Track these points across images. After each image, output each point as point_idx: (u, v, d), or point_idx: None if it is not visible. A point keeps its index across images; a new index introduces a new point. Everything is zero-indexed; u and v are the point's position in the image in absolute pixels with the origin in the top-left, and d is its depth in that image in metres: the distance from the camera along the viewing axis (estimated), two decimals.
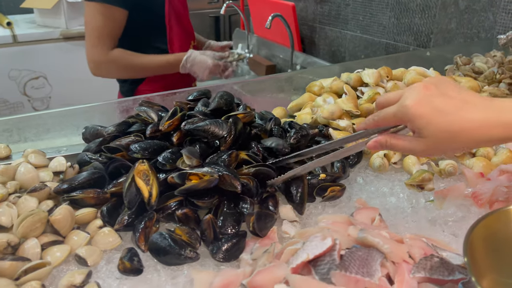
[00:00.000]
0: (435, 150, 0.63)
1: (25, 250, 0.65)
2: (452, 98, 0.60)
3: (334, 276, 0.54)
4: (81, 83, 3.31)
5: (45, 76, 3.34)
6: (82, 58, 3.28)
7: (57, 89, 3.38)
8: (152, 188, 0.74)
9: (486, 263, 0.54)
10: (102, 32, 1.50)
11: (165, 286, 0.64)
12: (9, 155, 0.92)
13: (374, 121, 0.70)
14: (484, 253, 0.55)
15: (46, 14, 3.26)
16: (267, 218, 0.74)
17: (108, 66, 1.55)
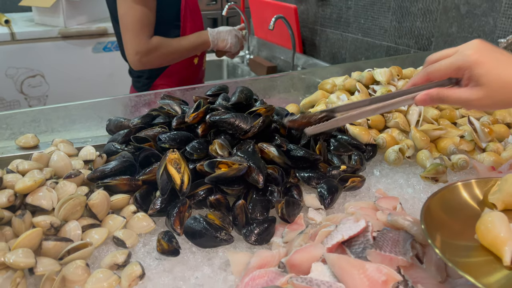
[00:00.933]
0: (491, 99, 0.63)
1: (66, 232, 0.68)
2: (507, 56, 0.62)
3: (370, 254, 0.58)
4: (79, 82, 3.33)
5: (42, 75, 3.33)
6: (80, 57, 3.30)
7: (54, 88, 3.37)
8: (183, 175, 0.77)
9: (440, 229, 0.60)
10: (143, 21, 1.52)
11: (202, 266, 0.67)
12: (37, 144, 0.94)
13: (427, 73, 0.68)
14: (437, 220, 0.61)
15: (45, 12, 3.26)
16: (295, 205, 0.78)
17: (152, 55, 1.56)
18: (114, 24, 1.73)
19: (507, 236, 0.56)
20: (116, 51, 3.45)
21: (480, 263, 0.56)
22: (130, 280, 0.62)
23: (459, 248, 0.58)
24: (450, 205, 0.65)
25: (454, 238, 0.60)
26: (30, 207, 0.70)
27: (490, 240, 0.57)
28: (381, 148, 1.02)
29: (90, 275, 0.62)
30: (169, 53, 1.60)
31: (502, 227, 0.56)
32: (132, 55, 1.54)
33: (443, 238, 0.58)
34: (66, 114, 1.02)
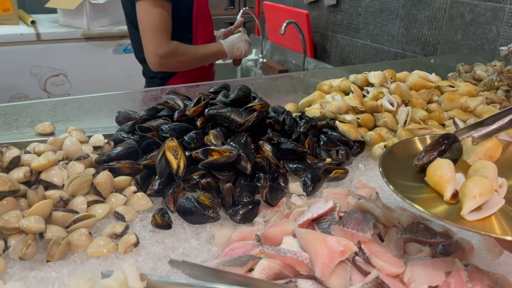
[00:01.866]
0: None
1: (74, 205, 0.78)
2: None
3: (334, 230, 0.65)
4: (99, 81, 3.46)
5: (65, 74, 3.46)
6: (101, 58, 3.43)
7: (76, 87, 3.50)
8: (180, 161, 0.86)
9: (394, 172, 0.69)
10: (163, 24, 1.60)
11: (190, 239, 0.75)
12: (53, 131, 1.04)
13: None
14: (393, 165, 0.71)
15: (69, 14, 3.39)
16: (278, 190, 0.86)
17: (172, 57, 1.64)
18: (130, 27, 1.84)
19: (450, 177, 0.65)
20: None
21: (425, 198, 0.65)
22: (126, 247, 0.71)
23: (409, 187, 0.67)
24: (406, 154, 0.74)
25: (406, 180, 0.68)
26: (43, 182, 0.80)
27: (436, 180, 0.66)
28: (368, 145, 1.09)
29: (92, 241, 0.71)
30: (188, 59, 1.69)
31: (448, 170, 0.65)
32: (152, 56, 1.62)
33: (396, 180, 0.66)
34: (80, 105, 1.13)
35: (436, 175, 0.66)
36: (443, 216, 0.61)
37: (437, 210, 0.62)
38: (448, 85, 1.32)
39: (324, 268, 0.59)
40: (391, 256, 0.62)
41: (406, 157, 0.73)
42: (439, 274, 0.58)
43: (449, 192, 0.63)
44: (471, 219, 0.60)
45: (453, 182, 0.64)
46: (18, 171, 0.78)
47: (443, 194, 0.64)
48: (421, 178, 0.70)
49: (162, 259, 0.70)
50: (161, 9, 1.59)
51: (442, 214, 0.62)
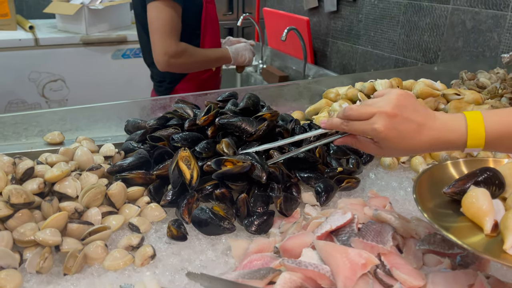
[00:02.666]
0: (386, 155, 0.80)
1: (88, 217, 0.77)
2: (411, 122, 0.72)
3: (354, 242, 0.65)
4: (98, 87, 3.44)
5: (63, 79, 3.44)
6: (100, 63, 3.42)
7: (74, 92, 3.48)
8: (193, 171, 0.85)
9: (428, 199, 0.68)
10: (172, 25, 1.61)
11: (207, 251, 0.75)
12: (63, 141, 1.04)
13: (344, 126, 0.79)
14: (427, 192, 0.70)
15: (68, 19, 3.38)
16: (292, 200, 0.85)
17: (180, 58, 1.64)
18: (139, 29, 1.83)
19: (488, 208, 0.63)
20: (134, 58, 3.58)
21: (461, 228, 0.64)
22: (143, 259, 0.70)
23: (444, 215, 0.66)
24: (439, 179, 0.73)
25: (440, 208, 0.67)
26: (57, 194, 0.79)
27: (473, 211, 0.64)
28: None
29: (108, 254, 0.71)
30: (195, 60, 1.70)
31: (485, 201, 0.64)
32: (161, 55, 1.62)
33: (430, 207, 0.65)
34: (89, 114, 1.12)
35: (473, 207, 0.64)
36: (482, 249, 0.59)
37: (476, 243, 0.60)
38: (454, 93, 1.33)
39: (347, 281, 0.58)
40: (412, 268, 0.62)
41: (440, 183, 0.72)
42: (462, 286, 0.58)
43: (489, 225, 0.61)
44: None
45: (491, 214, 0.62)
46: (32, 183, 0.78)
47: (482, 227, 0.62)
48: (456, 206, 0.68)
49: (179, 271, 0.70)
50: (171, 10, 1.60)
51: (482, 248, 0.60)
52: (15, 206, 0.72)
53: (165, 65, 1.63)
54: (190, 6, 1.70)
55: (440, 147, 0.71)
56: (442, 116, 0.73)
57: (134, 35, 3.46)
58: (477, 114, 0.69)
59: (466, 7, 2.01)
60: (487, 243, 0.60)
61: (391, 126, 0.71)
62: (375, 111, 0.73)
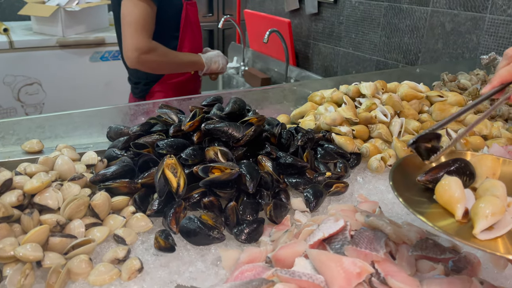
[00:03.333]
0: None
1: (71, 230, 0.74)
2: None
3: (347, 250, 0.64)
4: (75, 90, 3.37)
5: (39, 83, 3.37)
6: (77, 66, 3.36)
7: (51, 96, 3.41)
8: (180, 179, 0.83)
9: (403, 186, 0.69)
10: (145, 21, 1.58)
11: (196, 262, 0.73)
12: (42, 149, 1.00)
13: None
14: (402, 180, 0.71)
15: (43, 21, 3.31)
16: (282, 207, 0.84)
17: (151, 55, 1.61)
18: (118, 30, 1.79)
19: (460, 196, 0.65)
20: (113, 60, 3.52)
21: (435, 214, 0.66)
22: (130, 273, 0.68)
23: (419, 202, 0.67)
24: (415, 168, 0.75)
25: (415, 195, 0.69)
26: (37, 206, 0.76)
27: (446, 199, 0.66)
28: (364, 157, 1.09)
29: (93, 268, 0.68)
30: (167, 61, 1.66)
31: (457, 188, 0.66)
32: (131, 50, 1.58)
33: (406, 194, 0.67)
34: (69, 121, 1.08)
35: (446, 194, 0.66)
36: (454, 233, 0.61)
37: (448, 227, 0.63)
38: (437, 95, 1.34)
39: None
40: (406, 276, 0.62)
41: (415, 171, 0.73)
42: None
43: (460, 212, 0.64)
44: (482, 238, 0.60)
45: (463, 201, 0.65)
46: (10, 195, 0.74)
47: (454, 213, 0.64)
48: (429, 193, 0.70)
49: (168, 284, 0.68)
50: (145, 7, 1.57)
51: (453, 231, 0.62)
52: None
53: (135, 60, 1.60)
54: (167, 7, 1.68)
55: None
56: None
57: (112, 37, 3.41)
58: None
59: (445, 9, 2.04)
60: (458, 228, 0.63)
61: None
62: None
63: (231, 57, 3.52)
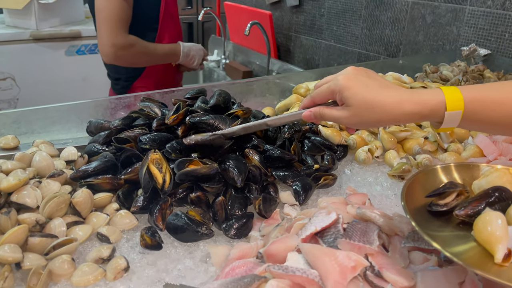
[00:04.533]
0: (357, 118, 0.72)
1: (51, 229, 0.70)
2: (376, 80, 0.73)
3: (340, 244, 0.63)
4: (51, 85, 3.28)
5: (13, 78, 3.27)
6: (52, 60, 3.27)
7: (25, 91, 3.31)
8: (165, 175, 0.80)
9: (417, 206, 0.66)
10: (121, 16, 1.53)
11: (184, 259, 0.70)
12: (17, 145, 0.95)
13: (311, 97, 0.81)
14: (416, 198, 0.67)
15: (16, 14, 3.21)
16: (271, 201, 0.82)
17: (128, 50, 1.57)
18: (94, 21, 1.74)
19: (502, 235, 0.57)
20: (90, 54, 3.43)
21: (450, 237, 0.61)
22: (115, 272, 0.65)
23: (434, 224, 0.63)
24: (429, 185, 0.70)
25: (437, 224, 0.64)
26: (14, 205, 0.72)
27: (485, 236, 0.58)
28: (351, 149, 1.08)
29: (76, 269, 0.65)
30: (144, 54, 1.63)
31: (499, 227, 0.58)
32: (108, 46, 1.53)
33: (419, 215, 0.63)
34: (46, 116, 1.04)
35: (486, 231, 0.58)
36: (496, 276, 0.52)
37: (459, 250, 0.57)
38: (421, 86, 1.34)
39: (337, 286, 0.56)
40: (401, 268, 0.61)
41: (430, 187, 0.69)
42: (453, 285, 0.57)
43: (501, 254, 0.56)
44: None
45: (505, 241, 0.56)
46: None
47: (493, 255, 0.56)
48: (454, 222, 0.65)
49: (156, 283, 0.65)
50: (122, 2, 1.52)
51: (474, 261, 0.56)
52: None
53: (112, 56, 1.56)
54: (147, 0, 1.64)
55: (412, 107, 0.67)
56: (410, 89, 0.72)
57: (88, 30, 3.32)
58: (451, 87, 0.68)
59: (426, 1, 2.05)
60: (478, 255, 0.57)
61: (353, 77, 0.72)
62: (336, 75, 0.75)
63: (212, 50, 3.47)
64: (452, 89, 0.67)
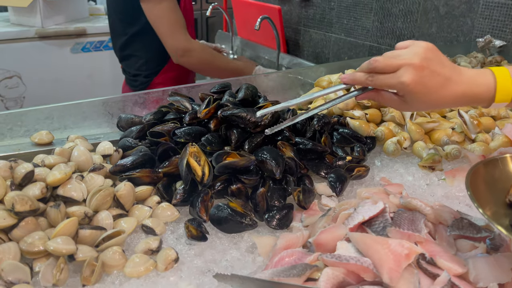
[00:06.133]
0: (410, 109, 0.81)
1: (99, 221, 0.71)
2: (439, 75, 0.73)
3: (390, 232, 0.63)
4: (57, 83, 3.28)
5: (19, 76, 3.28)
6: (58, 58, 3.27)
7: (32, 89, 3.32)
8: (204, 167, 0.81)
9: (484, 196, 0.65)
10: (182, 23, 1.60)
11: (230, 250, 0.71)
12: (52, 141, 0.96)
13: (369, 81, 0.78)
14: (482, 188, 0.66)
15: (21, 12, 3.20)
16: (310, 192, 0.83)
17: (196, 52, 1.63)
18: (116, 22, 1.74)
19: None
20: (95, 51, 3.43)
21: None
22: (166, 263, 0.66)
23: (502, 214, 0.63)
24: (495, 175, 0.69)
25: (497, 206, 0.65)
26: (61, 198, 0.73)
27: None
28: (379, 141, 1.09)
29: (128, 260, 0.66)
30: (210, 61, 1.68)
31: None
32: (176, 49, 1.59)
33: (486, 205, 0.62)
34: (77, 111, 1.05)
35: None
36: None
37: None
38: None
39: (392, 273, 0.57)
40: (452, 255, 0.62)
41: (497, 177, 0.68)
42: (506, 270, 0.58)
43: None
44: None
45: None
46: (33, 188, 0.71)
47: None
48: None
49: (206, 273, 0.66)
50: (178, 11, 1.58)
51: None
52: (19, 215, 0.65)
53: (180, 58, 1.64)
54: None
55: (465, 101, 0.74)
56: (468, 71, 0.74)
57: (93, 27, 3.32)
58: (503, 69, 0.70)
59: None
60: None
61: (418, 79, 0.72)
62: (402, 63, 0.73)
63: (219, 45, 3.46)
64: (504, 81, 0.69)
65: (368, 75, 0.78)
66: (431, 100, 0.74)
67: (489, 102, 0.73)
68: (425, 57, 0.73)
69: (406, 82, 0.72)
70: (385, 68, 0.75)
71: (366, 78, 0.78)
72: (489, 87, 0.72)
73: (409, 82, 0.72)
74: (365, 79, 0.79)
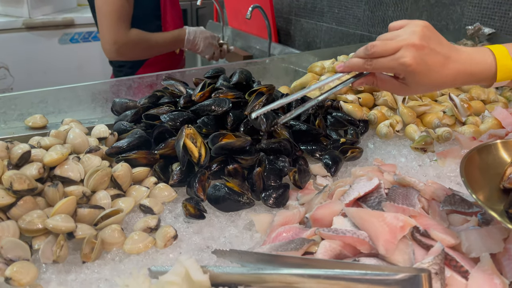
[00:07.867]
0: (411, 92, 0.80)
1: (97, 201, 0.72)
2: (438, 54, 0.72)
3: (385, 206, 0.65)
4: (45, 74, 3.24)
5: (6, 67, 3.23)
6: (46, 49, 3.23)
7: (20, 81, 3.27)
8: (200, 149, 0.82)
9: (478, 182, 0.65)
10: (121, 13, 1.52)
11: (228, 227, 0.72)
12: (46, 124, 0.96)
13: (367, 65, 0.76)
14: (476, 174, 0.66)
15: (8, 2, 3.15)
16: (305, 172, 0.84)
17: (130, 46, 1.57)
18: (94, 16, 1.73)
19: None
20: (84, 42, 3.39)
21: None
22: (165, 240, 0.66)
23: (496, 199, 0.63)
24: (488, 161, 0.69)
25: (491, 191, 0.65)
26: (58, 178, 0.73)
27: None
28: (372, 124, 1.10)
29: (127, 238, 0.66)
30: (147, 48, 1.63)
31: None
32: (110, 44, 1.53)
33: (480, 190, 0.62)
34: (72, 95, 1.04)
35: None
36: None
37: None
38: None
39: (388, 245, 0.58)
40: (445, 228, 0.63)
41: (489, 163, 0.68)
42: (498, 241, 0.60)
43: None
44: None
45: None
46: (30, 168, 0.71)
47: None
48: None
49: (204, 249, 0.67)
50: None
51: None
52: (17, 193, 0.65)
53: (114, 54, 1.57)
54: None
55: (464, 80, 0.73)
56: (467, 49, 0.74)
57: (82, 18, 3.28)
58: (501, 47, 0.70)
59: None
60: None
61: (420, 59, 0.70)
62: (401, 44, 0.71)
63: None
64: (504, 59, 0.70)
65: (365, 60, 0.76)
66: (431, 80, 0.72)
67: (491, 81, 0.72)
68: (424, 35, 0.71)
69: (407, 62, 0.70)
70: (385, 51, 0.73)
71: (364, 63, 0.76)
72: (489, 65, 0.71)
73: (410, 62, 0.70)
74: (363, 64, 0.76)
